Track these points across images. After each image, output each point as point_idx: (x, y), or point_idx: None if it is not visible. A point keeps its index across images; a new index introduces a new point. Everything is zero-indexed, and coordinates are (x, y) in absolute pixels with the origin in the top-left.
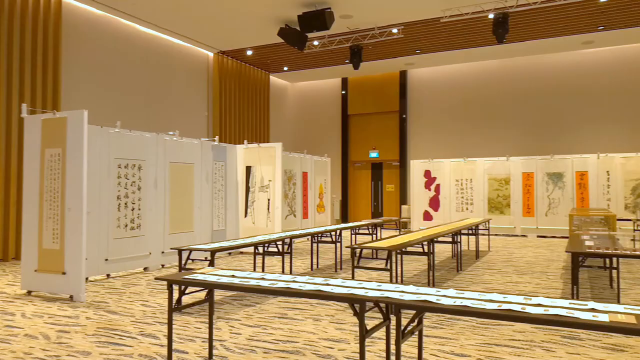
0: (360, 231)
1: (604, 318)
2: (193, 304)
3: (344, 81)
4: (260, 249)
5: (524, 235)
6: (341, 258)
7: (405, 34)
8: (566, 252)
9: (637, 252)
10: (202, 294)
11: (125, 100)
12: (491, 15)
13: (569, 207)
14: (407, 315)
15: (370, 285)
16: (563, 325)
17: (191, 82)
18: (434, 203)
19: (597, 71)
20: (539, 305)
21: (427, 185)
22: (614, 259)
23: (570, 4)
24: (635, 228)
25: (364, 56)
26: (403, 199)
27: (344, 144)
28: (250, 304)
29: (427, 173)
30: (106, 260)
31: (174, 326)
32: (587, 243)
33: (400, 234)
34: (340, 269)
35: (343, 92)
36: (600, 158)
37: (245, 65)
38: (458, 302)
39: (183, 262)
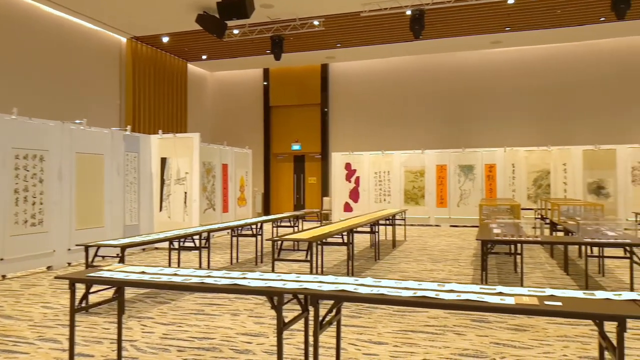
0: (282, 224)
1: (510, 301)
2: (99, 304)
3: (266, 72)
4: (176, 244)
5: (437, 225)
6: (262, 251)
7: (326, 27)
8: (476, 240)
9: (538, 239)
10: (111, 293)
11: (25, 85)
12: (409, 12)
13: (479, 197)
14: (327, 306)
15: (288, 277)
16: (474, 309)
17: (102, 68)
18: (354, 195)
19: (504, 70)
20: (452, 291)
21: (348, 178)
22: (519, 245)
23: (481, 5)
24: (536, 216)
25: (285, 47)
26: (325, 191)
27: (266, 136)
28: (165, 301)
29: (347, 165)
30: (1, 260)
31: (79, 328)
32: (495, 231)
33: (321, 226)
34: (261, 262)
35: (265, 83)
36: (507, 151)
37: (161, 53)
38: (375, 291)
39: (91, 259)
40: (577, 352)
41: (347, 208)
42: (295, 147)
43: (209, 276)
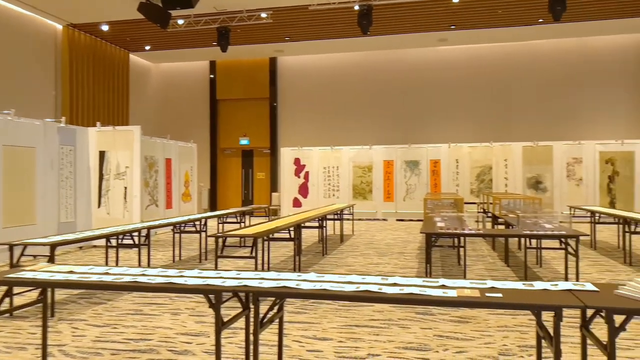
0: (228, 220)
1: (452, 294)
2: (21, 307)
3: (213, 65)
4: (114, 242)
5: (384, 219)
6: (206, 248)
7: (275, 20)
8: (420, 233)
9: (481, 232)
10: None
11: None
12: (357, 7)
13: (424, 192)
14: (269, 303)
15: (228, 274)
16: (416, 303)
17: (35, 57)
18: (303, 190)
19: (450, 67)
20: (395, 284)
21: (297, 173)
22: (462, 238)
23: (427, 2)
24: (479, 210)
25: (232, 40)
26: (274, 186)
27: (213, 130)
28: (101, 301)
29: (296, 161)
30: None
31: (1, 334)
32: (439, 224)
33: (268, 221)
34: (206, 259)
35: (211, 76)
36: (451, 147)
37: (101, 42)
38: (318, 286)
39: (16, 259)
40: (517, 341)
41: (297, 203)
42: (243, 141)
43: (143, 274)
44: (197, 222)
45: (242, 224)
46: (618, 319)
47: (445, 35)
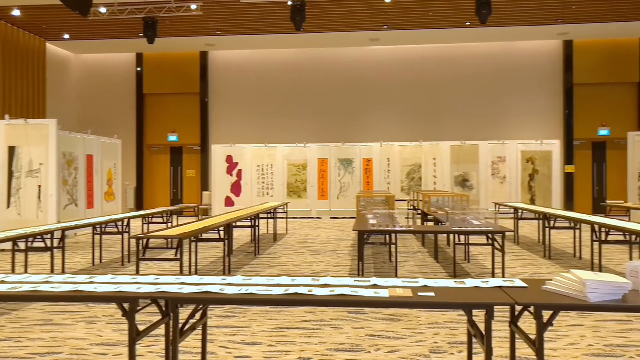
0: (155, 220)
1: (384, 294)
2: None
3: (140, 57)
4: (23, 245)
5: (319, 217)
6: (129, 251)
7: (205, 12)
8: (353, 230)
9: (412, 229)
10: None
11: None
12: (290, 2)
13: (357, 190)
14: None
15: (146, 279)
16: (348, 305)
17: None
18: (236, 189)
19: (382, 67)
20: (326, 285)
21: (229, 171)
22: (393, 235)
23: (360, 0)
24: (410, 207)
25: (160, 31)
26: (205, 185)
27: (139, 125)
28: (4, 312)
29: (229, 158)
30: None
31: None
32: (371, 222)
33: (198, 221)
34: (129, 262)
35: (139, 69)
36: (383, 146)
37: (13, 28)
38: (244, 291)
39: None
40: (447, 338)
41: (229, 202)
42: (172, 138)
43: (46, 282)
44: (120, 223)
45: (169, 225)
46: (546, 314)
47: (378, 35)
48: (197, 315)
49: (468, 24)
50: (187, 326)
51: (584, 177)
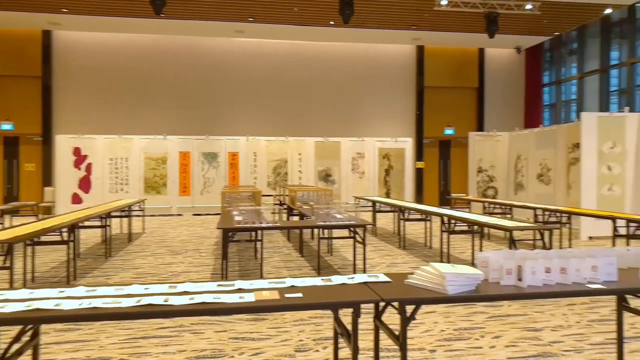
0: None
1: (250, 298)
2: None
3: None
4: None
5: (180, 215)
6: None
7: None
8: (217, 228)
9: (277, 224)
10: None
11: None
12: None
13: (222, 185)
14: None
15: None
16: (210, 313)
17: None
18: (85, 184)
19: (248, 60)
20: (185, 293)
21: (77, 165)
22: (259, 232)
23: None
24: (276, 202)
25: None
26: (47, 180)
27: None
28: None
29: (76, 150)
30: None
31: None
32: (237, 218)
33: (37, 221)
34: None
35: None
36: (249, 140)
37: None
38: (86, 304)
39: None
40: (312, 334)
41: (76, 200)
42: (6, 126)
43: None
44: None
45: (1, 226)
46: (409, 307)
47: (244, 27)
48: (24, 337)
49: (332, 23)
50: (11, 351)
51: (432, 172)
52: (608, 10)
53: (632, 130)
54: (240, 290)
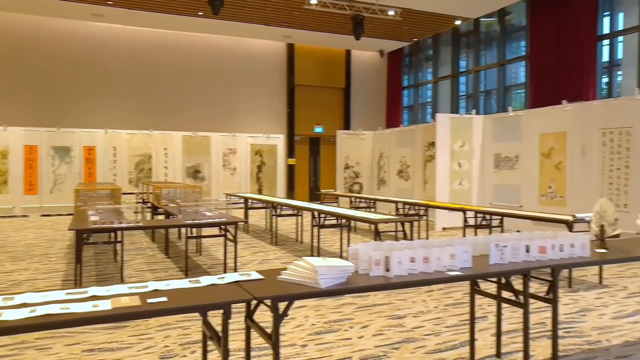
0: None
1: (106, 305)
2: None
3: None
4: None
5: (25, 216)
6: None
7: None
8: (69, 230)
9: (140, 224)
10: None
11: None
12: None
13: (76, 182)
14: None
15: None
16: (55, 326)
17: None
18: None
19: (108, 47)
20: (24, 305)
21: None
22: (119, 233)
23: None
24: (138, 200)
25: None
26: None
27: None
28: None
29: None
30: None
31: None
32: (93, 218)
33: None
34: None
35: None
36: (108, 134)
37: None
38: None
39: None
40: (179, 339)
41: None
42: None
43: None
44: None
45: None
46: (282, 304)
47: (102, 10)
48: None
49: (200, 13)
50: None
51: (302, 169)
52: (457, 22)
53: (477, 131)
54: (94, 297)
